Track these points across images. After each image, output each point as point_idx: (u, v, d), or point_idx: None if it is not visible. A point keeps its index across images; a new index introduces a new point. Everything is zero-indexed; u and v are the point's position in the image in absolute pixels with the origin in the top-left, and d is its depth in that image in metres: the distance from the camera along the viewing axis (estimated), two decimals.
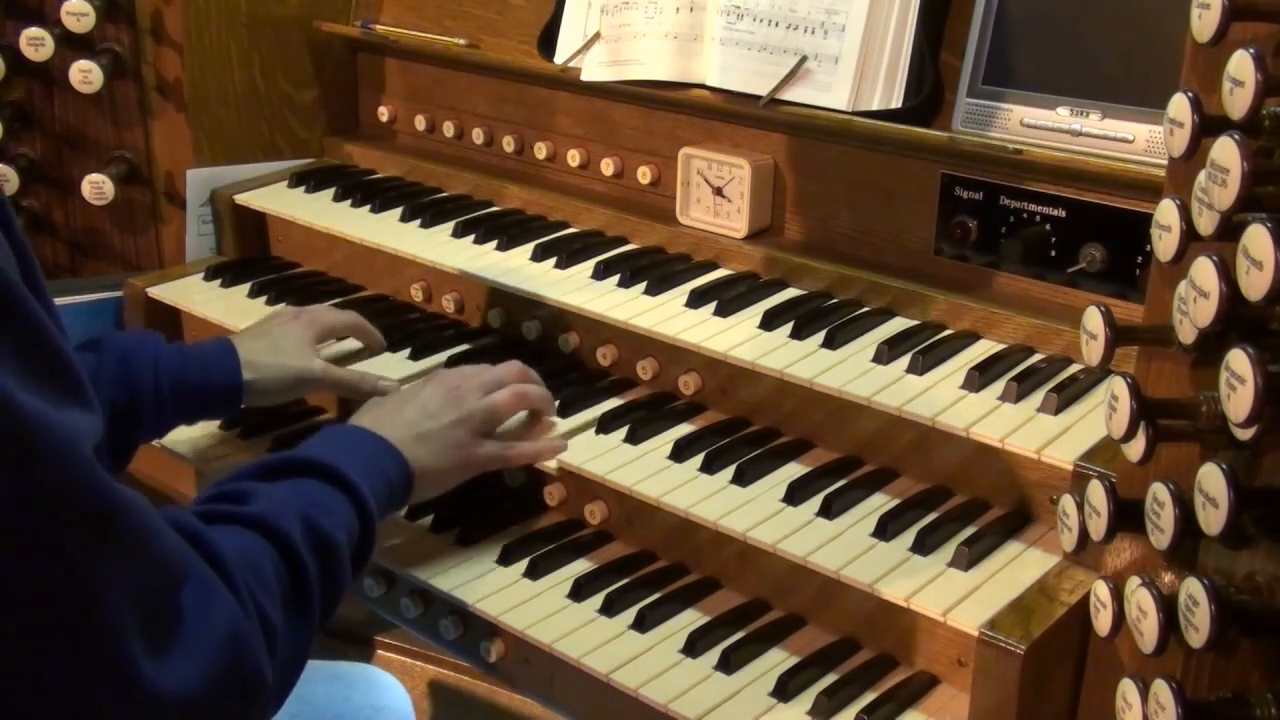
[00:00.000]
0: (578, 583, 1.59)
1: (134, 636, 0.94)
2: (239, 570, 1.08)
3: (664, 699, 1.42)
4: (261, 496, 1.24)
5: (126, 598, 0.93)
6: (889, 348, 1.62)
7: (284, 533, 1.18)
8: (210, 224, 2.31)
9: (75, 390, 0.93)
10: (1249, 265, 0.91)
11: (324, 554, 1.22)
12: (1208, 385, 1.01)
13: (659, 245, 1.99)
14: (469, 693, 2.54)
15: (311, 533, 1.22)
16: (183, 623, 0.99)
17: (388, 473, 1.43)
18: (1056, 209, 1.66)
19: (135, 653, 0.94)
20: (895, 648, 1.49)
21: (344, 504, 1.31)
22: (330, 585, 1.23)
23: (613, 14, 1.98)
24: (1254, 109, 0.96)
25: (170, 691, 0.96)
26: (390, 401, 1.56)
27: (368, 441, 1.44)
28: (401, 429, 1.49)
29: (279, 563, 1.17)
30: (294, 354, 1.72)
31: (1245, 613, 0.95)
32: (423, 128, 2.36)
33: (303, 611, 1.18)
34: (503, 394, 1.61)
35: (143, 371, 1.59)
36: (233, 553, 1.10)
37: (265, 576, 1.14)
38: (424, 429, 1.51)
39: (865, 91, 1.77)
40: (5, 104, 2.24)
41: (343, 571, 1.26)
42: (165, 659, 0.97)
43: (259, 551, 1.16)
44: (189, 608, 1.00)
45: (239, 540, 1.15)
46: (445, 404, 1.55)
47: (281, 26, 2.34)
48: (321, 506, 1.27)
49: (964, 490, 1.55)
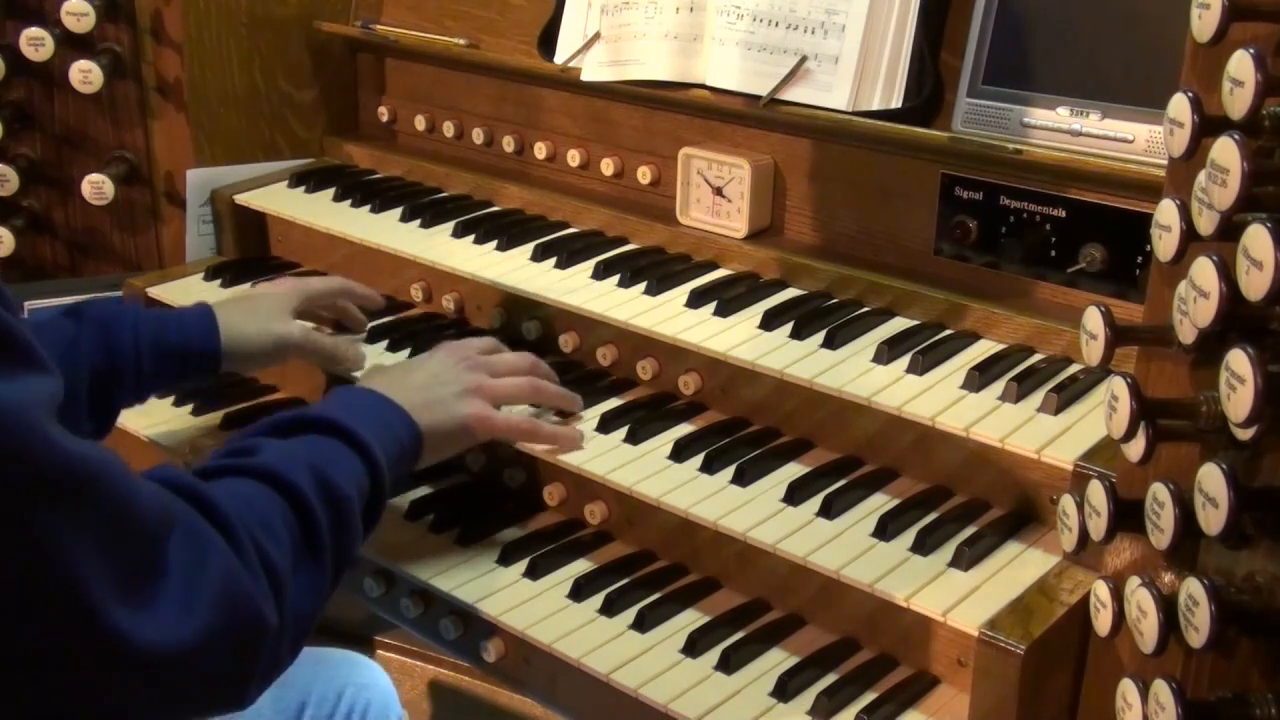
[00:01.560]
0: (578, 583, 1.59)
1: (110, 596, 0.94)
2: (237, 519, 1.09)
3: (664, 699, 1.42)
4: (270, 450, 1.26)
5: (97, 559, 0.93)
6: (889, 348, 1.62)
7: (293, 483, 1.19)
8: (210, 224, 2.31)
9: (25, 356, 0.92)
10: (1249, 265, 0.91)
11: (334, 506, 1.23)
12: (1208, 385, 1.01)
13: (659, 245, 1.99)
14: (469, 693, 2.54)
15: (322, 485, 1.23)
16: (168, 574, 1.00)
17: (398, 433, 1.44)
18: (1056, 209, 1.66)
19: (114, 611, 0.94)
20: (895, 648, 1.49)
21: (355, 460, 1.32)
22: (341, 538, 1.24)
23: (613, 14, 1.98)
24: (1254, 109, 0.96)
25: (159, 641, 0.97)
26: (398, 368, 1.59)
27: (377, 403, 1.46)
28: (411, 393, 1.50)
29: (288, 512, 1.18)
30: (272, 318, 1.74)
31: (1245, 613, 0.95)
32: (423, 128, 2.36)
33: (315, 561, 1.19)
34: (519, 381, 1.63)
35: (122, 336, 1.60)
36: (233, 502, 1.11)
37: (273, 525, 1.15)
38: (433, 394, 1.53)
39: (865, 91, 1.77)
40: (5, 104, 2.24)
41: (353, 525, 1.27)
42: (149, 611, 0.97)
43: (266, 500, 1.17)
44: (175, 560, 1.01)
45: (245, 490, 1.17)
46: (456, 372, 1.58)
47: (281, 26, 2.35)
48: (332, 461, 1.28)
49: (964, 490, 1.55)
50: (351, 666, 1.72)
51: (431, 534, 1.72)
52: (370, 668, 1.75)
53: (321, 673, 1.66)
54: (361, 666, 1.74)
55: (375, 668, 1.76)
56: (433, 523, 1.73)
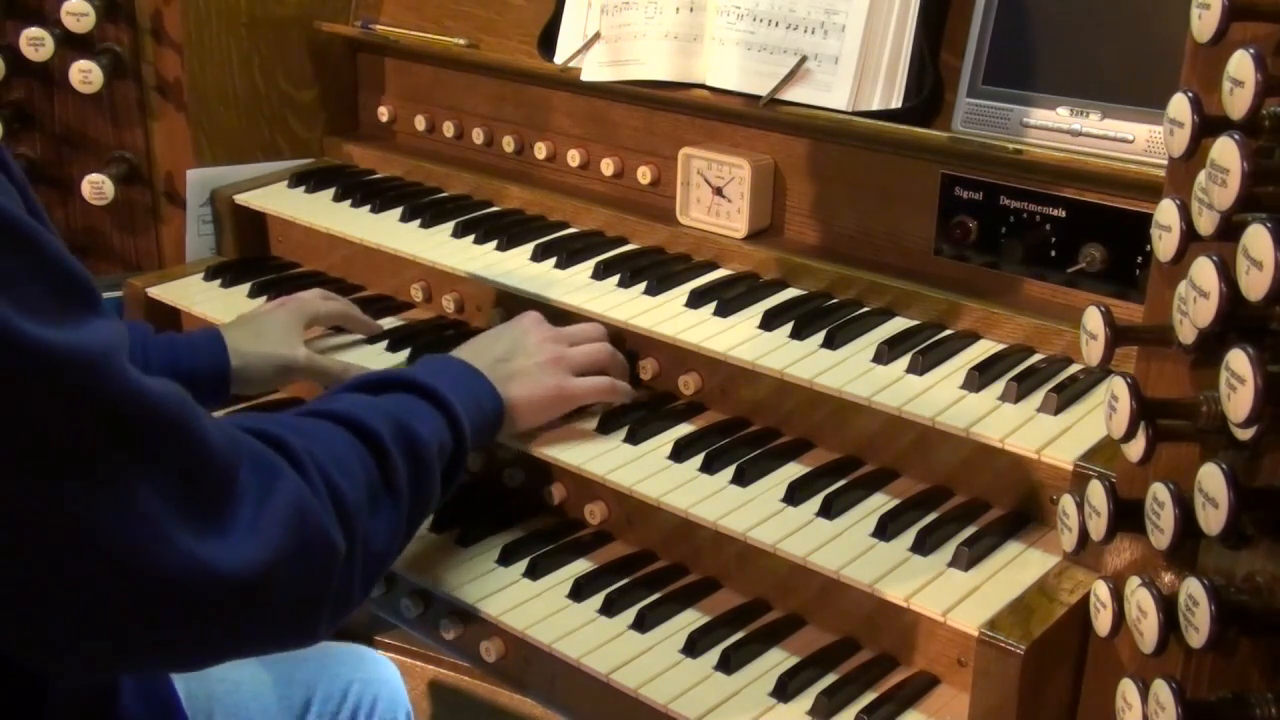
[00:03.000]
0: (578, 583, 1.59)
1: (181, 525, 0.96)
2: (305, 451, 1.12)
3: (664, 699, 1.42)
4: (351, 400, 1.30)
5: (170, 492, 0.96)
6: (889, 348, 1.62)
7: (373, 429, 1.23)
8: (210, 224, 2.31)
9: (95, 302, 0.96)
10: (1249, 265, 0.91)
11: (413, 456, 1.26)
12: (1208, 385, 1.01)
13: (659, 245, 1.99)
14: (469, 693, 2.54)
15: (402, 435, 1.26)
16: (239, 503, 1.02)
17: (481, 400, 1.47)
18: (1056, 209, 1.66)
19: (186, 539, 0.97)
20: (895, 648, 1.49)
21: (438, 417, 1.35)
22: (419, 487, 1.27)
23: (613, 14, 1.98)
24: (1254, 109, 0.96)
25: (234, 565, 1.00)
26: (484, 339, 1.62)
27: (463, 370, 1.49)
28: (496, 365, 1.53)
29: (366, 455, 1.21)
30: (279, 341, 1.75)
31: (1245, 613, 0.95)
32: (423, 128, 2.36)
33: (392, 503, 1.22)
34: (600, 346, 1.68)
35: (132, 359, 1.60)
36: (302, 438, 1.14)
37: (346, 462, 1.17)
38: (517, 365, 1.56)
39: (865, 91, 1.77)
40: (5, 104, 2.24)
41: (432, 477, 1.30)
42: (224, 539, 1.00)
43: (342, 440, 1.20)
44: (244, 490, 1.03)
45: (319, 429, 1.20)
46: (540, 341, 1.61)
47: (281, 26, 2.34)
48: (414, 414, 1.32)
49: (964, 490, 1.55)
50: (359, 661, 1.72)
51: (431, 534, 1.72)
52: (378, 662, 1.75)
53: (328, 667, 1.66)
54: (369, 661, 1.74)
55: (383, 662, 1.76)
56: (433, 523, 1.73)
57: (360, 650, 1.76)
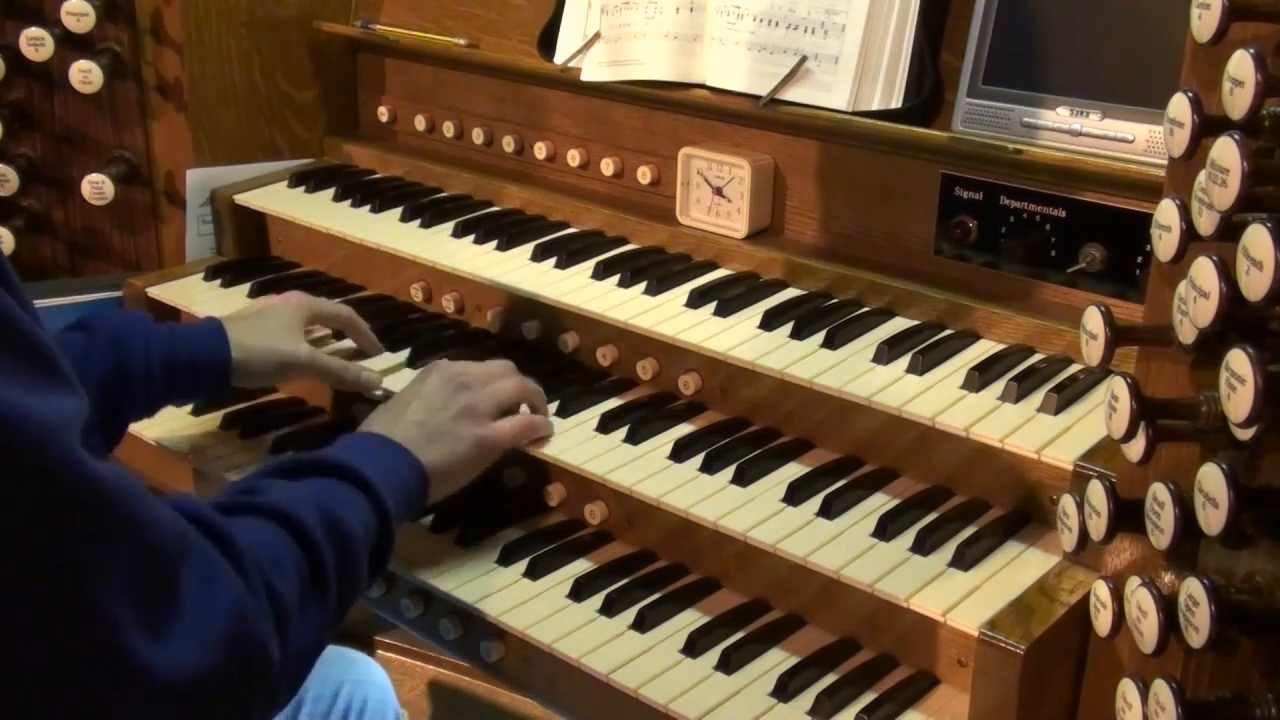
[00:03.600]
0: (578, 583, 1.59)
1: (129, 622, 0.94)
2: (248, 551, 1.09)
3: (664, 699, 1.42)
4: (279, 489, 1.26)
5: (119, 583, 0.94)
6: (889, 348, 1.62)
7: (301, 521, 1.20)
8: (210, 224, 2.31)
9: (55, 374, 0.92)
10: (1249, 265, 0.91)
11: (341, 545, 1.24)
12: (1208, 385, 1.01)
13: (659, 245, 1.99)
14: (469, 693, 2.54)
15: (329, 524, 1.23)
16: (181, 602, 1.00)
17: (404, 475, 1.44)
18: (1056, 209, 1.66)
19: (132, 638, 0.94)
20: (895, 648, 1.49)
21: (362, 501, 1.32)
22: (347, 577, 1.24)
23: (613, 14, 1.98)
24: (1254, 109, 0.96)
25: (170, 671, 0.97)
26: (396, 404, 1.57)
27: (382, 447, 1.46)
28: (412, 429, 1.50)
29: (296, 550, 1.18)
30: (281, 337, 1.74)
31: (1245, 613, 0.95)
32: (423, 128, 2.36)
33: (320, 600, 1.19)
34: (508, 382, 1.63)
35: (133, 350, 1.60)
36: (245, 537, 1.11)
37: (281, 562, 1.15)
38: (434, 425, 1.52)
39: (865, 91, 1.77)
40: (5, 104, 2.24)
41: (359, 565, 1.27)
42: (163, 640, 0.97)
43: (275, 537, 1.17)
44: (187, 587, 1.01)
45: (254, 527, 1.17)
46: (450, 395, 1.57)
47: (281, 26, 2.34)
48: (339, 501, 1.29)
49: (964, 490, 1.55)
50: (349, 663, 1.72)
51: (431, 534, 1.72)
52: (367, 665, 1.75)
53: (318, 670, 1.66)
54: (359, 663, 1.74)
55: (372, 664, 1.76)
56: (433, 523, 1.73)
57: (349, 653, 1.76)
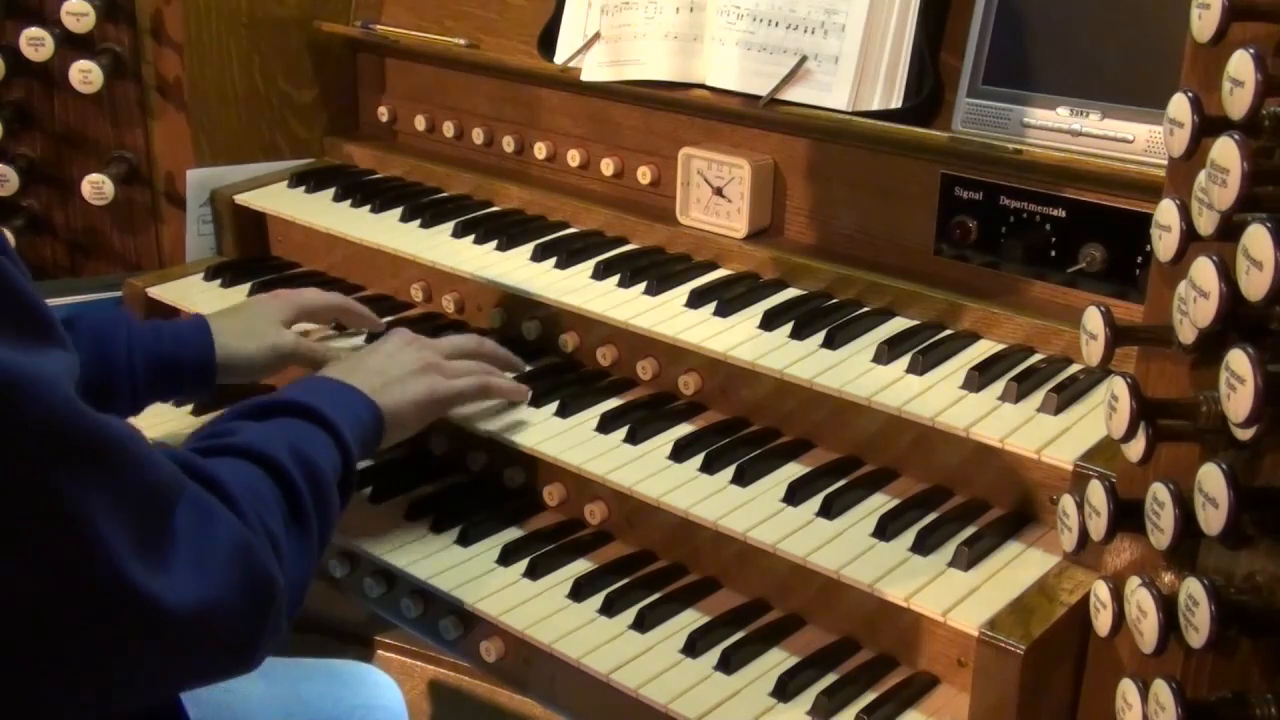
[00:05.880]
0: (578, 583, 1.59)
1: (132, 559, 0.97)
2: (239, 490, 1.14)
3: (664, 699, 1.42)
4: (250, 430, 1.30)
5: (121, 524, 0.97)
6: (889, 348, 1.62)
7: (275, 458, 1.24)
8: (210, 224, 2.31)
9: (50, 332, 0.97)
10: (1249, 265, 0.91)
11: (314, 481, 1.27)
12: (1208, 385, 1.01)
13: (659, 245, 1.99)
14: (469, 693, 2.54)
15: (300, 460, 1.27)
16: (181, 539, 1.03)
17: (360, 415, 1.48)
18: (1056, 209, 1.66)
19: (138, 572, 0.97)
20: (895, 648, 1.49)
21: (326, 439, 1.36)
22: (322, 511, 1.28)
23: (613, 14, 1.98)
24: (1254, 109, 0.96)
25: (178, 603, 1.00)
26: (354, 355, 1.63)
27: (339, 388, 1.50)
28: (369, 376, 1.54)
29: (274, 486, 1.22)
30: (265, 331, 1.75)
31: (1245, 613, 0.95)
32: (423, 128, 2.36)
33: (303, 531, 1.23)
34: (464, 338, 1.72)
35: (115, 349, 1.61)
36: (230, 476, 1.15)
37: (264, 498, 1.19)
38: (390, 374, 1.57)
39: (865, 91, 1.77)
40: (5, 104, 2.24)
41: (331, 499, 1.31)
42: (168, 574, 1.00)
43: (254, 475, 1.22)
44: (186, 526, 1.04)
45: (234, 467, 1.21)
46: (406, 350, 1.62)
47: (281, 26, 2.35)
48: (307, 440, 1.33)
49: (964, 490, 1.55)
50: (359, 683, 1.71)
51: (432, 534, 1.72)
52: (380, 686, 1.74)
53: (328, 691, 1.66)
54: (369, 683, 1.72)
55: (386, 684, 1.75)
56: (433, 523, 1.73)
57: (365, 670, 1.76)
